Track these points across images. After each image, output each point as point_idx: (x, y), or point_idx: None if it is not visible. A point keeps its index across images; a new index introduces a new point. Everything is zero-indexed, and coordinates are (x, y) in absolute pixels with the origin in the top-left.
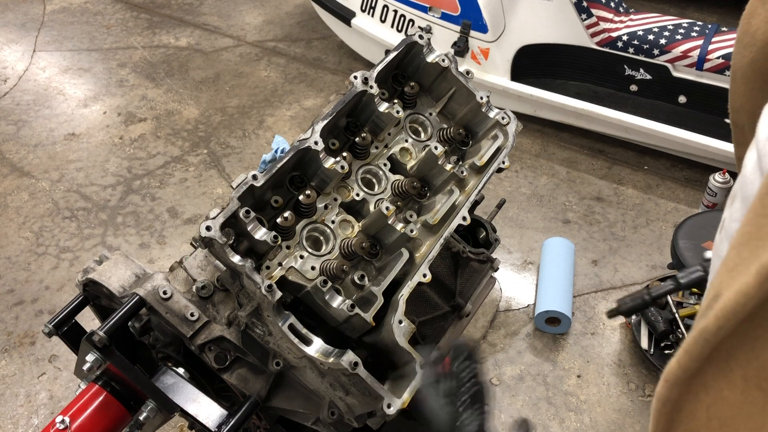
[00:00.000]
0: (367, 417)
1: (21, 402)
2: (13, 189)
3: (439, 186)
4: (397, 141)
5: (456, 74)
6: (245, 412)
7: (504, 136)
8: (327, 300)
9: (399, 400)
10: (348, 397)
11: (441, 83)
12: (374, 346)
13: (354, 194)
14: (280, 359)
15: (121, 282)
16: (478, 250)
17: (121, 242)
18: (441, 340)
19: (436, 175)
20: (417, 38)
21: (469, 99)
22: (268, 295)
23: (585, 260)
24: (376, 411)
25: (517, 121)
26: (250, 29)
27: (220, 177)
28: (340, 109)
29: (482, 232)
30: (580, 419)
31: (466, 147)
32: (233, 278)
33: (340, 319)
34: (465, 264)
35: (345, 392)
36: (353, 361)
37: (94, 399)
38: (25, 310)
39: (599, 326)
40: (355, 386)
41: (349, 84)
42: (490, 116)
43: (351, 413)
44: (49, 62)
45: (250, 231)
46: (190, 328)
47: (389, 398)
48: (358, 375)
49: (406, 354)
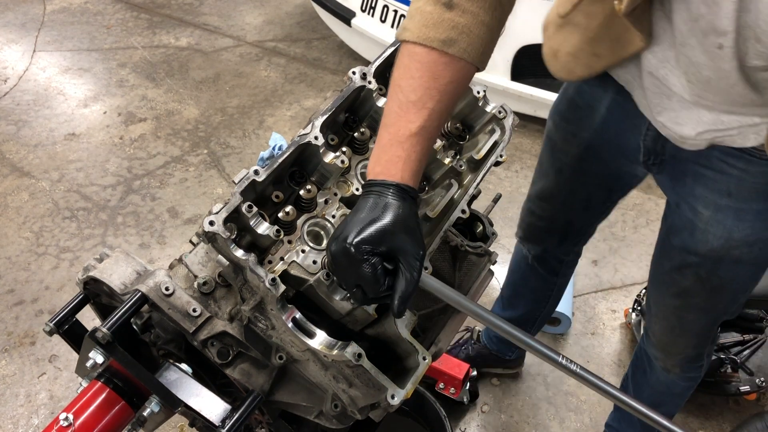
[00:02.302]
0: (370, 409)
1: (21, 402)
2: (13, 189)
3: (437, 180)
4: None
5: None
6: (249, 406)
7: (501, 129)
8: (329, 293)
9: (402, 390)
10: (351, 389)
11: None
12: (376, 338)
13: (354, 189)
14: (283, 353)
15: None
16: (476, 244)
17: (121, 242)
18: (441, 333)
19: (435, 169)
20: None
21: (466, 93)
22: (272, 289)
23: (585, 260)
24: (379, 402)
25: (514, 115)
26: (250, 29)
27: (220, 177)
28: (339, 104)
29: (479, 226)
30: (580, 419)
31: (463, 141)
32: (236, 273)
33: (343, 312)
34: (463, 257)
35: (348, 384)
36: (357, 353)
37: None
38: (25, 310)
39: (599, 326)
40: (359, 378)
41: (347, 79)
42: (487, 110)
43: (354, 405)
44: (49, 62)
45: (253, 225)
46: (193, 323)
47: (393, 389)
48: (361, 366)
49: (408, 345)
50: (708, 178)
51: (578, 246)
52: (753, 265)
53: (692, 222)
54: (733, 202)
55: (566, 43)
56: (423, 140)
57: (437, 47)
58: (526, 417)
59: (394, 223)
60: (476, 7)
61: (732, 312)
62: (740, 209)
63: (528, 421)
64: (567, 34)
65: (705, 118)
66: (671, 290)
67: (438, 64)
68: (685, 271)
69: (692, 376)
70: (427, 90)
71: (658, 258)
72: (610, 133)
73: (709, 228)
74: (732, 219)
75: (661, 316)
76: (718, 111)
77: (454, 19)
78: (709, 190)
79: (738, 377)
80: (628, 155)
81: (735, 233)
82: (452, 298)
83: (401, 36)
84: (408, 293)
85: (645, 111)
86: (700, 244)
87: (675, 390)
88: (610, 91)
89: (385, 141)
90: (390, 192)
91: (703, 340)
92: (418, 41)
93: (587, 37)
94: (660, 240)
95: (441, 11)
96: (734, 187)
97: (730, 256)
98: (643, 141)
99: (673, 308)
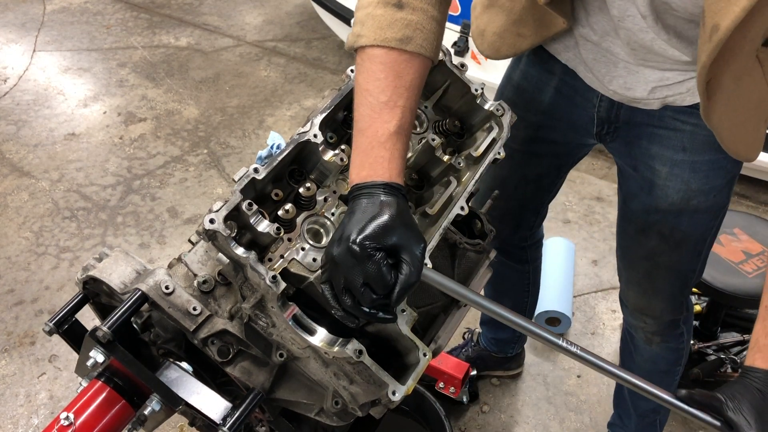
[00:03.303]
0: (371, 406)
1: (21, 402)
2: (13, 189)
3: (436, 177)
4: None
5: (450, 67)
6: (249, 404)
7: (499, 127)
8: None
9: (403, 386)
10: (352, 386)
11: (435, 76)
12: (376, 335)
13: None
14: (283, 350)
15: (122, 278)
16: (474, 241)
17: (121, 242)
18: (440, 330)
19: (434, 166)
20: None
21: (464, 91)
22: (272, 286)
23: (585, 260)
24: (380, 399)
25: (512, 112)
26: (250, 29)
27: (220, 177)
28: (337, 102)
29: (478, 223)
30: (580, 419)
31: (462, 139)
32: (236, 271)
33: None
34: (462, 254)
35: (349, 381)
36: (358, 349)
37: (98, 395)
38: (25, 310)
39: (599, 326)
40: (360, 375)
41: (345, 78)
42: (485, 108)
43: (355, 402)
44: (48, 62)
45: (253, 223)
46: (193, 322)
47: (394, 385)
48: (363, 363)
49: (409, 342)
50: (663, 137)
51: (533, 230)
52: (709, 212)
53: (651, 181)
54: (688, 155)
55: (492, 23)
56: (402, 138)
57: (396, 46)
58: (526, 417)
59: (393, 219)
60: (424, 4)
61: (697, 270)
62: (695, 161)
63: (528, 421)
64: (493, 15)
65: (652, 77)
66: (638, 254)
67: (399, 62)
68: (649, 231)
69: (674, 347)
70: (395, 89)
71: (621, 227)
72: (560, 111)
73: (668, 183)
74: (688, 171)
75: (633, 282)
76: (661, 69)
77: (406, 17)
78: (664, 147)
79: None
80: (579, 130)
81: (692, 184)
82: (453, 288)
83: (356, 43)
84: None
85: (594, 84)
86: (660, 200)
87: (661, 367)
88: (557, 72)
89: (365, 145)
90: (381, 191)
91: (677, 305)
92: (375, 44)
93: (512, 19)
94: (620, 210)
95: (392, 12)
96: (688, 141)
97: (689, 207)
98: (597, 113)
99: (643, 272)
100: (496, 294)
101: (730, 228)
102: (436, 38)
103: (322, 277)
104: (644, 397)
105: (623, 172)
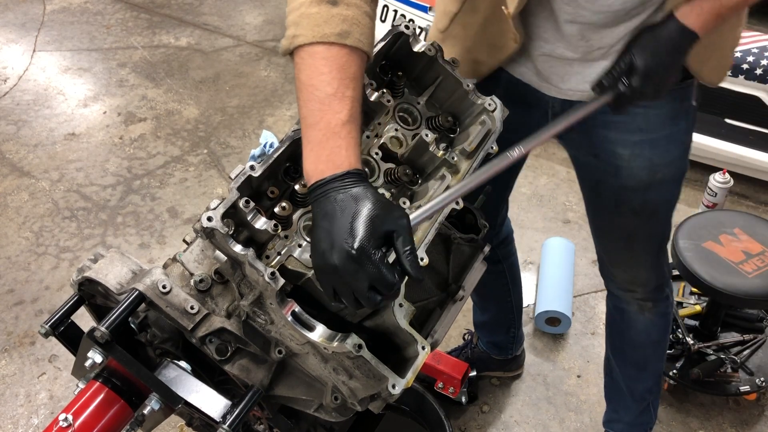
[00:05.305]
0: (370, 400)
1: (21, 402)
2: (13, 189)
3: (430, 172)
4: (387, 130)
5: (442, 63)
6: (249, 401)
7: (491, 121)
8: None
9: (403, 380)
10: (351, 381)
11: (428, 72)
12: (374, 329)
13: None
14: (282, 347)
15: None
16: (468, 236)
17: (121, 242)
18: (437, 324)
19: (428, 161)
20: (403, 28)
21: (456, 87)
22: (271, 283)
23: (585, 260)
24: (380, 393)
25: (503, 107)
26: (250, 29)
27: (220, 177)
28: None
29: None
30: (580, 419)
31: (454, 134)
32: (234, 269)
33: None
34: (456, 249)
35: (348, 376)
36: (357, 344)
37: (96, 396)
38: (25, 310)
39: (599, 326)
40: (359, 369)
41: None
42: (477, 103)
43: (354, 397)
44: (49, 62)
45: (251, 220)
46: (191, 320)
47: (393, 378)
48: (362, 357)
49: (407, 336)
50: (618, 122)
51: (497, 228)
52: (673, 181)
53: (615, 165)
54: (645, 135)
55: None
56: (355, 128)
57: (335, 41)
58: (526, 417)
59: (374, 207)
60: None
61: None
62: (653, 138)
63: (528, 421)
64: (449, 47)
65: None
66: (615, 234)
67: (341, 56)
68: (622, 210)
69: (663, 311)
70: (341, 81)
71: (593, 212)
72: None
73: (632, 164)
74: (648, 149)
75: (616, 260)
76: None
77: (341, 12)
78: (621, 131)
79: (738, 377)
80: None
81: (655, 159)
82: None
83: (293, 44)
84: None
85: (550, 92)
86: (628, 179)
87: (653, 336)
88: (503, 80)
89: (318, 138)
90: (347, 181)
91: (659, 269)
92: (314, 40)
93: (466, 47)
94: (588, 198)
95: (327, 9)
96: (643, 122)
97: (656, 180)
98: (552, 110)
99: (624, 248)
100: (479, 299)
101: (730, 228)
102: (371, 34)
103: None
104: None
105: (582, 162)
